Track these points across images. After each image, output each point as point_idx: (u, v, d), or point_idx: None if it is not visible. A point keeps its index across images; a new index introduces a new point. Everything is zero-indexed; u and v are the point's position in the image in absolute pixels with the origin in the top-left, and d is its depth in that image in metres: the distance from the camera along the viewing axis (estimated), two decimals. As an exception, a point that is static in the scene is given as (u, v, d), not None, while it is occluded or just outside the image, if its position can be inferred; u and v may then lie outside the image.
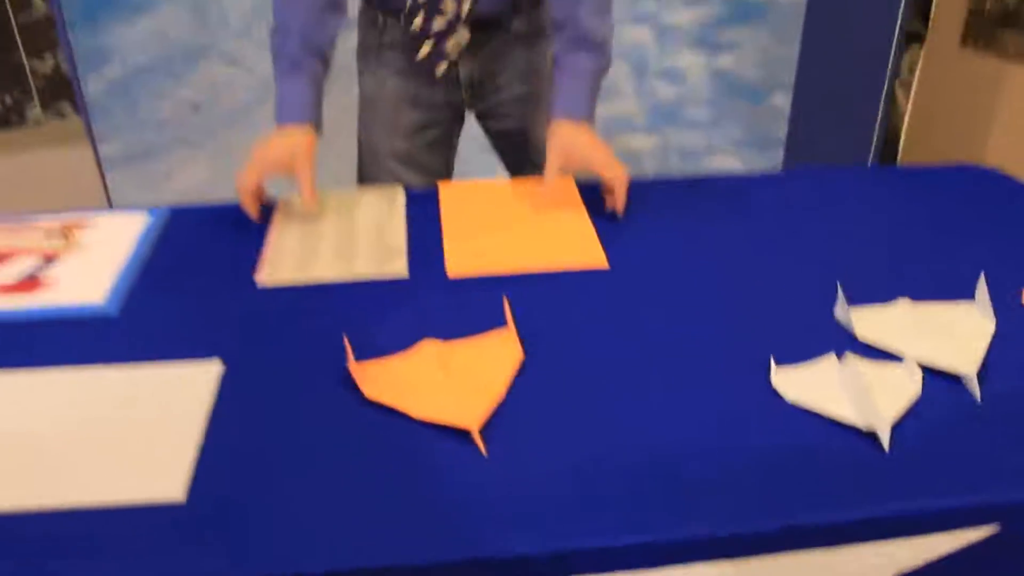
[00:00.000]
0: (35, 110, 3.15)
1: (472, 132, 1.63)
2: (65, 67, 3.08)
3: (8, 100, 3.12)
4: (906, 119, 2.80)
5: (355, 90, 1.59)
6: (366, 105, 1.57)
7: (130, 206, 2.43)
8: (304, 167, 1.26)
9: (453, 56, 1.45)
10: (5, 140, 3.12)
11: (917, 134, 2.79)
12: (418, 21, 1.41)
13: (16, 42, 3.03)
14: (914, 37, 2.67)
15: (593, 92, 1.35)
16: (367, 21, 1.51)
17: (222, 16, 2.31)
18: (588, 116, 1.34)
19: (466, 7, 1.39)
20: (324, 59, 1.35)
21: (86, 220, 1.29)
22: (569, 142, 1.29)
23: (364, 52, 1.54)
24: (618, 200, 1.26)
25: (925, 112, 2.74)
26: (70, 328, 1.05)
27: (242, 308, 1.07)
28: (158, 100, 2.37)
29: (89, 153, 2.57)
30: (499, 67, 1.52)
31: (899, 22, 2.33)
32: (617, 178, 1.26)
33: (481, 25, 1.44)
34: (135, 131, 2.40)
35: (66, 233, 1.25)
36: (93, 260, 1.18)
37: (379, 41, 1.50)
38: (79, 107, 2.49)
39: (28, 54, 3.06)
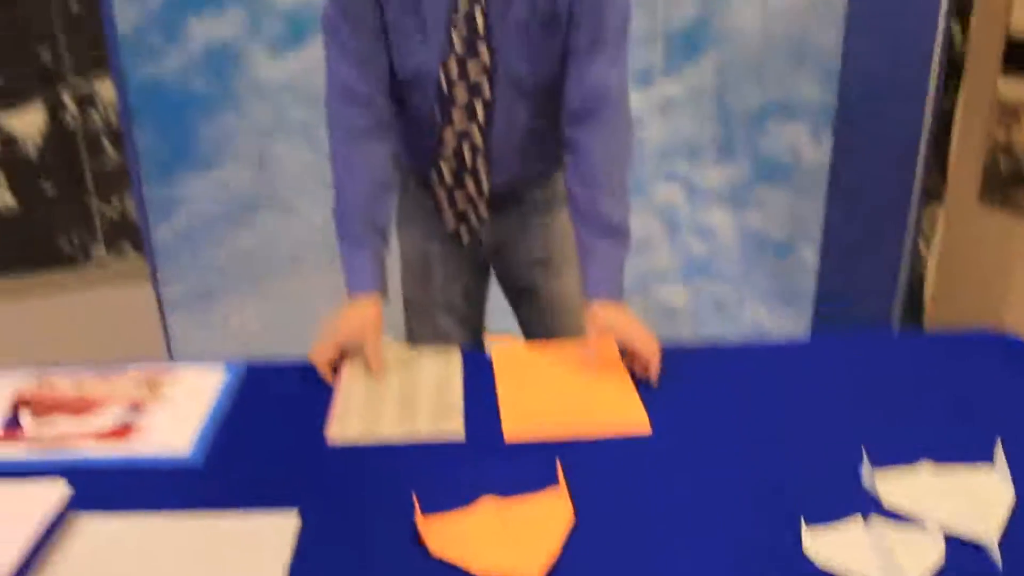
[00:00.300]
0: (99, 250, 3.34)
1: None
2: (131, 211, 3.29)
3: (75, 240, 3.32)
4: (929, 273, 2.90)
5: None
6: (405, 264, 1.72)
7: (187, 346, 2.57)
8: (373, 340, 1.40)
9: (477, 229, 1.60)
10: (70, 278, 3.31)
11: (942, 287, 2.88)
12: (442, 195, 1.57)
13: (88, 186, 3.25)
14: (934, 194, 2.80)
15: (620, 272, 1.48)
16: (403, 190, 1.67)
17: (281, 170, 2.51)
18: (620, 295, 1.47)
19: (485, 187, 1.55)
20: (383, 234, 1.50)
21: (170, 372, 1.41)
22: (608, 323, 1.41)
23: (400, 217, 1.70)
24: (652, 371, 1.37)
25: (948, 266, 2.84)
26: (156, 476, 1.14)
27: (314, 462, 1.17)
28: (219, 247, 2.54)
29: (148, 292, 2.73)
30: (516, 233, 1.66)
31: (916, 180, 2.47)
32: (653, 353, 1.37)
33: (498, 198, 1.58)
34: (196, 275, 2.55)
35: (152, 384, 1.36)
36: (177, 411, 1.29)
37: (411, 206, 1.66)
38: (145, 250, 2.66)
39: (98, 198, 3.28)
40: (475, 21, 1.41)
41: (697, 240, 2.61)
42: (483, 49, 1.44)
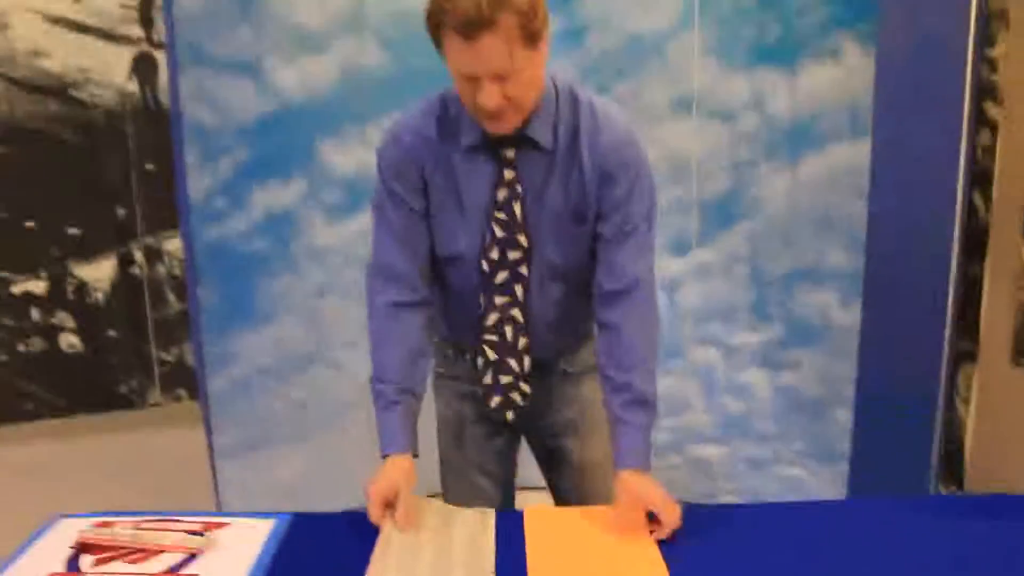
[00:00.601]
0: (155, 395, 3.49)
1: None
2: (187, 360, 3.45)
3: (134, 384, 3.47)
4: (968, 434, 2.90)
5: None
6: (441, 425, 1.81)
7: (235, 492, 2.65)
8: (404, 498, 1.47)
9: (520, 404, 1.68)
10: (126, 419, 3.44)
11: (980, 449, 2.87)
12: (487, 376, 1.65)
13: (149, 335, 3.43)
14: (968, 355, 2.84)
15: (648, 443, 1.56)
16: (439, 353, 1.77)
17: (333, 328, 2.64)
18: (648, 465, 1.53)
19: (527, 365, 1.63)
20: (417, 396, 1.59)
21: (222, 521, 1.49)
22: (636, 492, 1.48)
23: (436, 379, 1.79)
24: (666, 532, 1.44)
25: (986, 428, 2.84)
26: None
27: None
28: (270, 398, 2.66)
29: (200, 437, 2.83)
30: (545, 401, 1.73)
31: (945, 343, 2.52)
32: (674, 522, 1.44)
33: (533, 367, 1.67)
34: (247, 424, 2.66)
35: (205, 532, 1.44)
36: (228, 560, 1.36)
37: (449, 372, 1.76)
38: (199, 398, 2.77)
39: (157, 345, 3.45)
40: (514, 212, 1.54)
41: (733, 400, 2.67)
42: (521, 237, 1.56)
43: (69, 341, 3.38)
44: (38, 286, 3.29)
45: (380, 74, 2.56)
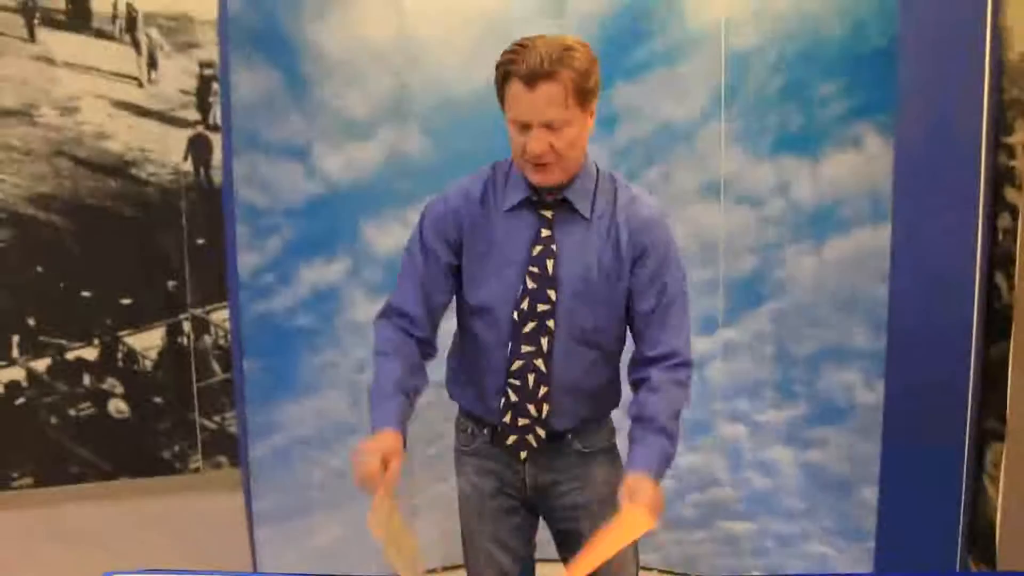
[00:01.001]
0: (197, 461, 3.58)
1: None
2: (229, 427, 3.55)
3: (176, 449, 3.57)
4: (999, 513, 2.91)
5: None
6: (462, 499, 1.90)
7: (272, 557, 2.73)
8: (395, 465, 1.59)
9: (533, 445, 1.77)
10: (168, 484, 3.53)
11: (1011, 527, 2.88)
12: (507, 419, 1.75)
13: (193, 402, 3.54)
14: (996, 434, 2.86)
15: (662, 462, 1.64)
16: (460, 428, 1.88)
17: (373, 399, 2.74)
18: (658, 476, 1.61)
19: (545, 411, 1.73)
20: (411, 400, 1.68)
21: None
22: (638, 491, 1.55)
23: (458, 455, 1.90)
24: (625, 500, 1.52)
25: (1015, 505, 2.85)
26: None
27: None
28: (311, 467, 2.75)
29: (237, 501, 2.91)
30: (559, 480, 1.82)
31: (968, 423, 2.55)
32: (648, 497, 1.52)
33: (549, 438, 1.76)
34: (287, 492, 2.75)
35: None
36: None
37: (470, 449, 1.85)
38: (241, 465, 2.87)
39: (201, 413, 3.56)
40: (546, 267, 1.67)
41: (759, 476, 2.72)
42: (551, 292, 1.68)
43: (117, 406, 3.49)
44: (91, 353, 3.42)
45: (421, 159, 2.70)
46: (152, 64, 3.28)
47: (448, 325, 1.82)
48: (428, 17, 2.68)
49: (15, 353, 3.31)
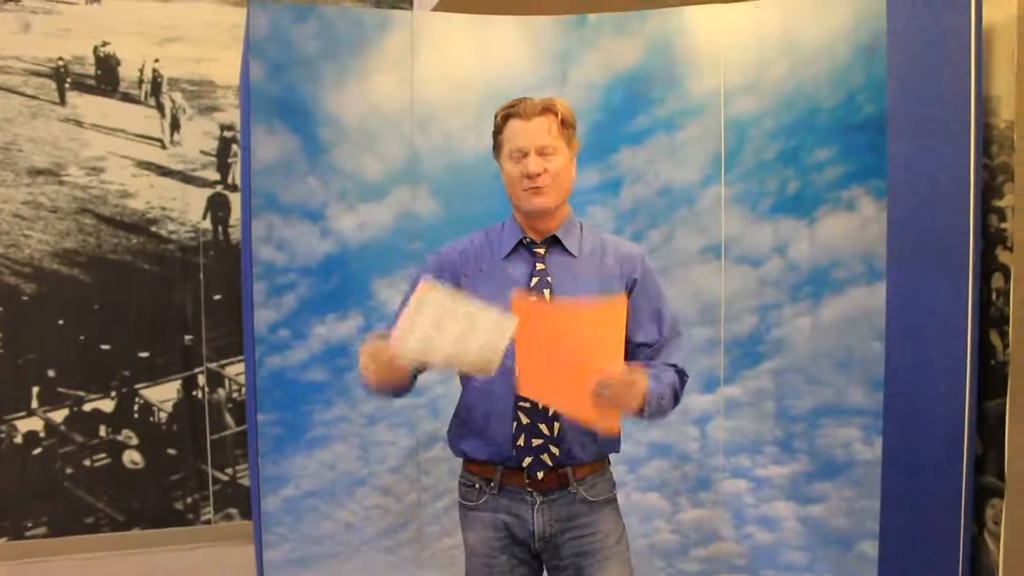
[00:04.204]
0: (208, 512, 3.64)
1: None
2: (240, 480, 3.62)
3: (188, 501, 3.64)
4: (1000, 570, 2.93)
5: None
6: (469, 553, 1.96)
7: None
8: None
9: (548, 464, 1.85)
10: (179, 535, 3.59)
11: (1013, 585, 2.90)
12: (520, 442, 1.84)
13: (206, 455, 3.61)
14: (995, 491, 2.90)
15: (662, 386, 1.83)
16: (466, 485, 1.95)
17: (382, 453, 2.82)
18: (653, 384, 1.77)
19: (556, 432, 1.83)
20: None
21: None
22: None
23: (463, 512, 1.97)
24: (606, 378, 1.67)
25: (1017, 561, 2.88)
26: None
27: None
28: (321, 519, 2.81)
29: (247, 553, 2.97)
30: (568, 526, 1.89)
31: (964, 480, 2.60)
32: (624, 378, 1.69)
33: (551, 490, 1.86)
34: (297, 543, 2.80)
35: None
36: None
37: (474, 504, 1.93)
38: (253, 516, 2.93)
39: (213, 465, 3.63)
40: (543, 296, 1.85)
41: (762, 531, 2.76)
42: None
43: (132, 457, 3.57)
44: (107, 405, 3.51)
45: (431, 220, 2.81)
46: (175, 126, 3.43)
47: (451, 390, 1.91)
48: (437, 87, 2.81)
49: (34, 404, 3.41)
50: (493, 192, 2.37)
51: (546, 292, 1.86)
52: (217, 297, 3.51)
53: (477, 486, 1.92)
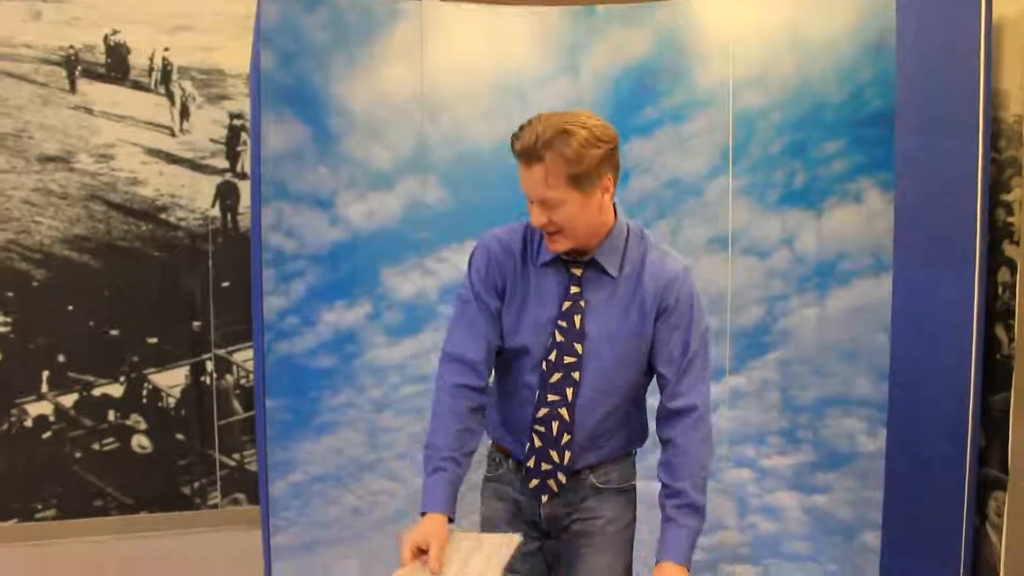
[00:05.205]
0: (215, 497, 3.67)
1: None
2: (248, 465, 3.64)
3: (196, 485, 3.66)
4: (1002, 562, 2.95)
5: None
6: (483, 523, 1.98)
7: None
8: (436, 547, 1.65)
9: (554, 490, 1.86)
10: (186, 519, 3.62)
11: (1016, 575, 2.91)
12: (531, 463, 1.86)
13: (213, 440, 3.63)
14: (998, 483, 2.92)
15: (691, 543, 1.73)
16: (490, 458, 1.98)
17: (389, 441, 2.84)
18: (687, 563, 1.69)
19: (567, 459, 1.83)
20: (460, 466, 1.78)
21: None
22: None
23: (486, 482, 1.99)
24: None
25: (1018, 553, 2.89)
26: None
27: None
28: (327, 504, 2.83)
29: (254, 538, 2.99)
30: (574, 508, 1.91)
31: (968, 472, 2.61)
32: None
33: (568, 474, 1.86)
34: (304, 528, 2.83)
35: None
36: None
37: (494, 475, 1.96)
38: (260, 501, 2.95)
39: (221, 450, 3.65)
40: (574, 322, 1.79)
41: (765, 520, 2.78)
42: (577, 345, 1.79)
43: (140, 442, 3.59)
44: (116, 390, 3.52)
45: (439, 209, 2.82)
46: (184, 114, 3.44)
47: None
48: (447, 76, 2.82)
49: (44, 388, 3.43)
50: (502, 181, 2.39)
51: (577, 319, 1.79)
52: (225, 284, 3.52)
53: (497, 460, 1.96)
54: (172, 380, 3.58)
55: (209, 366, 3.59)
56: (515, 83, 2.81)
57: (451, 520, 1.74)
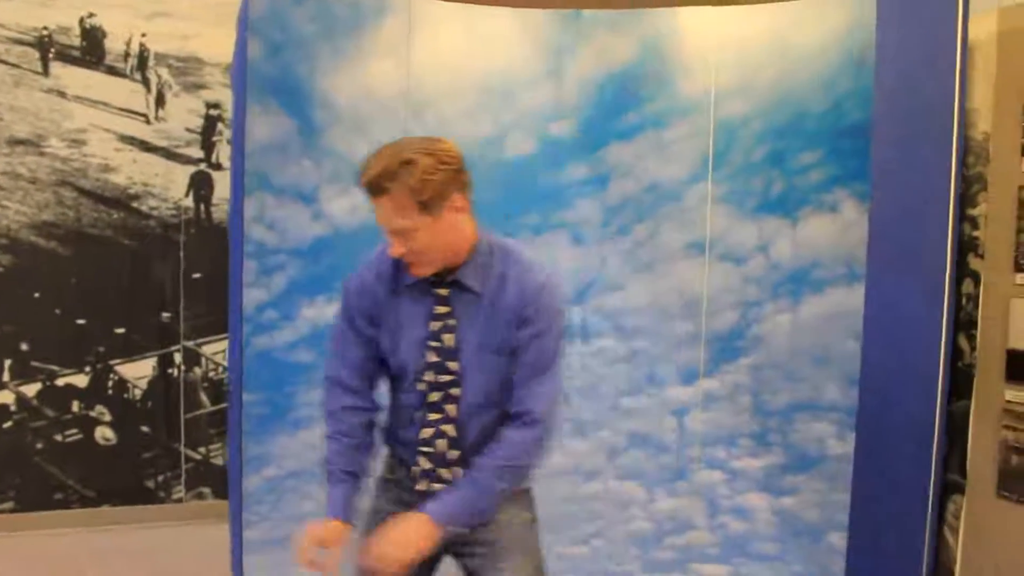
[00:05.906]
0: (180, 491, 3.63)
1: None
2: (213, 459, 3.61)
3: (160, 479, 3.62)
4: (957, 564, 3.05)
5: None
6: (368, 517, 1.92)
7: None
8: (335, 550, 1.75)
9: (445, 476, 1.85)
10: (150, 513, 3.57)
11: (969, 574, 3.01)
12: (422, 486, 1.84)
13: (179, 433, 3.60)
14: (957, 488, 3.01)
15: (453, 514, 1.77)
16: (387, 463, 1.95)
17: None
18: (440, 523, 1.74)
19: (458, 476, 1.82)
20: (358, 478, 1.84)
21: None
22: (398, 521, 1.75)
23: (383, 482, 1.96)
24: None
25: (974, 556, 2.98)
26: None
27: None
28: (301, 499, 2.82)
29: (219, 532, 2.96)
30: None
31: (932, 476, 2.69)
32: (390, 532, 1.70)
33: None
34: (276, 523, 2.81)
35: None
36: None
37: (394, 479, 1.92)
38: (229, 494, 2.92)
39: (187, 444, 3.62)
40: (443, 341, 1.80)
41: (735, 521, 2.84)
42: (452, 363, 1.80)
43: (104, 434, 3.54)
44: (81, 380, 3.47)
45: (423, 205, 2.83)
46: (160, 102, 3.40)
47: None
48: (433, 73, 2.83)
49: (6, 377, 3.36)
50: (486, 180, 2.40)
51: (446, 338, 1.80)
52: (196, 275, 3.49)
53: (394, 464, 1.94)
54: (139, 371, 3.53)
55: (177, 358, 3.56)
56: (500, 83, 2.83)
57: (350, 521, 1.81)
